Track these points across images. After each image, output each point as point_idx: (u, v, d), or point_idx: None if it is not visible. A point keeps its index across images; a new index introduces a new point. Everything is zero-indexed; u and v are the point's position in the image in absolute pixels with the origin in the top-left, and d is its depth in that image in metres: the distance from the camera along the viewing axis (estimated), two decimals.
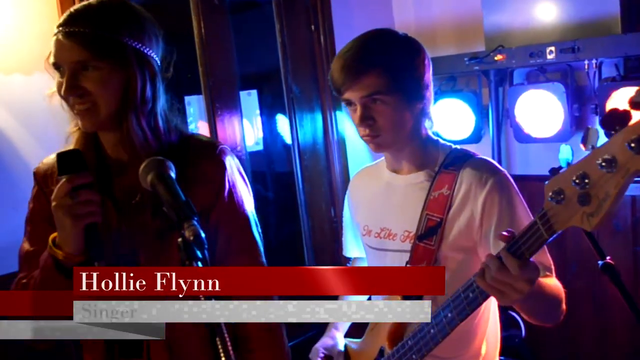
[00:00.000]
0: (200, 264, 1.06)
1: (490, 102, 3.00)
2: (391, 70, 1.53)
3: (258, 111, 3.03)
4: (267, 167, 3.32)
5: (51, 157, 1.52)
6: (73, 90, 1.35)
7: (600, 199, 1.01)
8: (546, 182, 1.10)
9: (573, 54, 2.55)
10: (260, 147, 3.08)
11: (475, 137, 3.00)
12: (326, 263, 3.22)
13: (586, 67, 2.64)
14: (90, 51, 1.34)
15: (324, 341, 1.88)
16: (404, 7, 3.41)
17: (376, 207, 1.74)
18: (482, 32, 2.94)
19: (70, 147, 1.44)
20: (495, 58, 2.74)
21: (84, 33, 1.34)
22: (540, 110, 2.78)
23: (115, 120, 1.42)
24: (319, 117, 3.19)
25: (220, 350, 0.99)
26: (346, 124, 3.23)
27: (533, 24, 2.77)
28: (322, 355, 1.83)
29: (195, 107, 2.70)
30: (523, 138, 2.89)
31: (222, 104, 2.76)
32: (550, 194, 1.08)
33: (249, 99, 2.96)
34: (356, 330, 1.90)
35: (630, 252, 2.84)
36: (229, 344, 1.01)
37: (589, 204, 1.03)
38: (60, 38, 1.35)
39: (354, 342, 1.87)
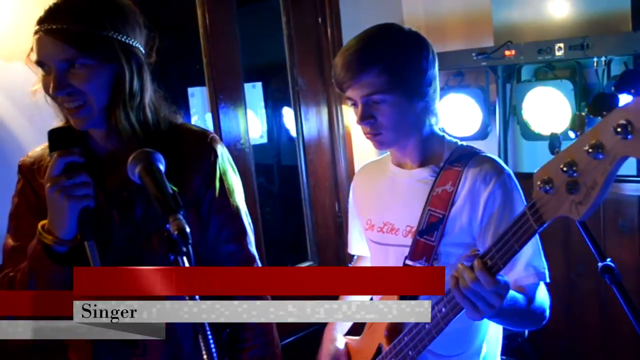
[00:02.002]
0: (185, 259, 1.05)
1: (498, 98, 2.98)
2: (391, 68, 1.52)
3: (263, 104, 3.01)
4: (271, 160, 3.30)
5: (37, 150, 1.51)
6: (61, 89, 1.32)
7: (588, 186, 0.99)
8: (535, 171, 1.08)
9: (582, 50, 2.52)
10: (265, 140, 3.06)
11: (482, 134, 2.98)
12: (330, 258, 3.21)
13: (595, 64, 2.60)
14: (76, 48, 1.31)
15: (328, 348, 1.87)
16: (413, 0, 3.37)
17: (380, 202, 1.74)
18: (491, 27, 2.91)
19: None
20: (505, 53, 2.71)
21: (67, 30, 1.30)
22: (547, 108, 2.75)
23: (105, 115, 1.40)
24: (324, 111, 3.17)
25: (203, 351, 0.98)
26: (352, 118, 3.20)
27: (542, 20, 2.74)
28: None
29: (198, 99, 2.68)
30: (530, 135, 2.86)
31: (225, 95, 2.74)
32: (539, 182, 1.06)
33: (254, 91, 2.95)
34: (359, 328, 1.89)
35: (637, 254, 2.80)
36: (212, 343, 1.01)
37: (577, 193, 1.01)
38: (42, 36, 1.31)
39: (353, 340, 1.87)
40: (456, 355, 1.62)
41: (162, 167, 1.21)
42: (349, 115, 3.18)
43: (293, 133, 3.12)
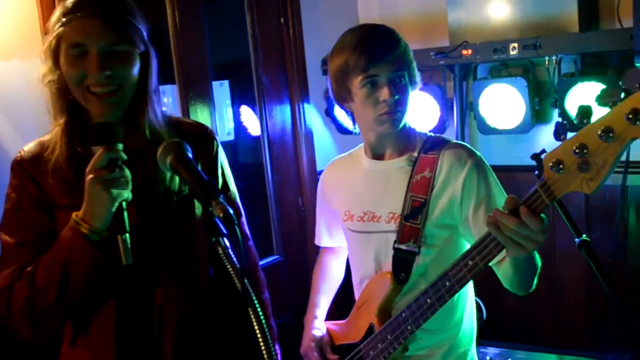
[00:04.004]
0: (226, 240, 1.10)
1: (455, 95, 3.12)
2: (406, 53, 1.68)
3: (229, 101, 3.05)
4: (238, 157, 3.34)
5: (31, 145, 1.51)
6: (103, 69, 1.35)
7: (598, 165, 1.14)
8: (543, 155, 1.23)
9: (535, 50, 2.69)
10: (232, 138, 3.10)
11: (440, 129, 3.10)
12: (293, 251, 3.27)
13: (547, 63, 2.78)
14: (122, 34, 1.37)
15: (312, 335, 1.91)
16: (369, 1, 3.48)
17: (357, 193, 1.83)
18: (447, 28, 3.04)
19: (56, 139, 1.44)
20: (462, 53, 2.85)
21: (116, 16, 1.37)
22: (502, 104, 2.91)
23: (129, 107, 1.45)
24: (287, 109, 3.23)
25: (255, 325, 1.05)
26: (313, 116, 3.29)
27: (495, 21, 2.89)
28: (317, 353, 1.87)
29: (170, 97, 2.69)
30: (486, 130, 3.01)
31: (195, 93, 2.77)
32: (550, 164, 1.21)
33: (221, 89, 2.98)
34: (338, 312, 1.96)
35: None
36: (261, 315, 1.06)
37: (588, 171, 1.16)
38: (89, 18, 1.35)
39: (336, 324, 1.93)
40: (438, 329, 1.73)
41: (191, 156, 1.27)
42: (311, 113, 3.26)
43: (257, 131, 3.17)
